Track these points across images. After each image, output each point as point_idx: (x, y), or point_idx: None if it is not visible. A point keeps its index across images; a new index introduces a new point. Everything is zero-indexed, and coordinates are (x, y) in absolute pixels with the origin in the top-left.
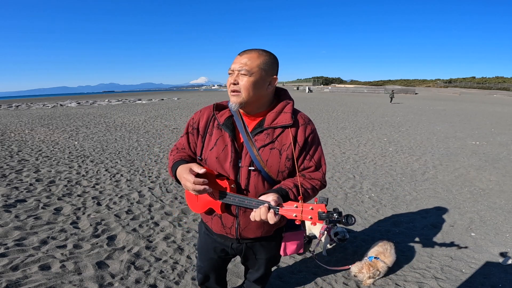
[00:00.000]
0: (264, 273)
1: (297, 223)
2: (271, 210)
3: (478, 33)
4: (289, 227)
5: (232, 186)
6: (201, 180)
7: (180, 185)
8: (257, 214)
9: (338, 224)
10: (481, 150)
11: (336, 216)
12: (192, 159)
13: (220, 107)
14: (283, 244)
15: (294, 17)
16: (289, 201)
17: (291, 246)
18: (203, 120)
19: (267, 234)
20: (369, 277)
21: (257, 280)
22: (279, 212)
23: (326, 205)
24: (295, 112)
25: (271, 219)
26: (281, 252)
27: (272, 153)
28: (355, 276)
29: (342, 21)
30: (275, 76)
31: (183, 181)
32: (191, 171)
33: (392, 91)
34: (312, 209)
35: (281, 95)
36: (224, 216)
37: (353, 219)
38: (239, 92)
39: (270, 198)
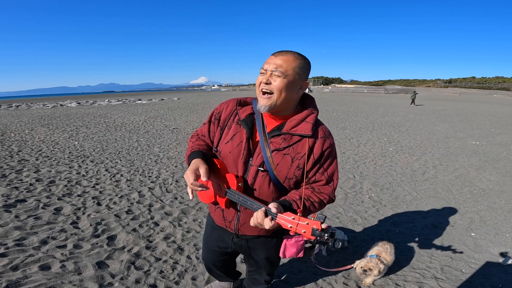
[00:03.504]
0: (267, 275)
1: (291, 234)
2: (269, 216)
3: (478, 33)
4: None
5: (239, 184)
6: (198, 184)
7: None
8: (254, 217)
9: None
10: (481, 150)
11: (326, 237)
12: (209, 147)
13: (243, 103)
14: (283, 245)
15: (294, 16)
16: (288, 212)
17: (290, 249)
18: (226, 113)
19: (265, 233)
20: (379, 271)
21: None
22: (277, 220)
23: (322, 223)
24: (317, 124)
25: (267, 224)
26: (280, 254)
27: (284, 158)
28: (364, 270)
29: (342, 21)
30: (307, 81)
31: (186, 176)
32: (196, 171)
33: (415, 92)
34: (307, 224)
35: (307, 103)
36: (226, 209)
37: (339, 243)
38: (271, 94)
39: (271, 205)
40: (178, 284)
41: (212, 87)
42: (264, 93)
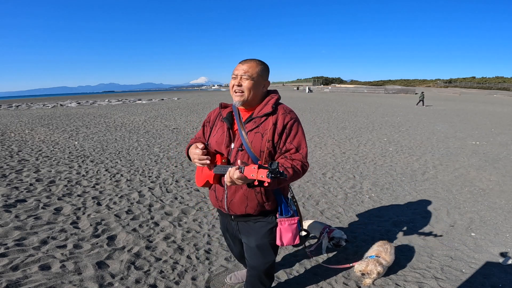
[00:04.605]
0: (266, 277)
1: (255, 184)
2: (239, 169)
3: (478, 33)
4: (283, 213)
5: (223, 160)
6: (204, 157)
7: (191, 161)
8: (227, 174)
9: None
10: (481, 150)
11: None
12: (204, 144)
13: (224, 105)
14: (278, 231)
15: (294, 16)
16: (252, 164)
17: (286, 234)
18: (214, 115)
19: (251, 211)
20: (378, 273)
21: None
22: (244, 172)
23: (275, 168)
24: (277, 104)
25: (236, 174)
26: (278, 242)
27: (255, 136)
28: (362, 274)
29: (342, 20)
30: (268, 81)
31: (191, 155)
32: (196, 147)
33: (422, 92)
34: (263, 169)
35: (271, 93)
36: (217, 189)
37: (276, 165)
38: (243, 92)
39: (239, 161)
40: (178, 284)
41: (212, 87)
42: (236, 91)
